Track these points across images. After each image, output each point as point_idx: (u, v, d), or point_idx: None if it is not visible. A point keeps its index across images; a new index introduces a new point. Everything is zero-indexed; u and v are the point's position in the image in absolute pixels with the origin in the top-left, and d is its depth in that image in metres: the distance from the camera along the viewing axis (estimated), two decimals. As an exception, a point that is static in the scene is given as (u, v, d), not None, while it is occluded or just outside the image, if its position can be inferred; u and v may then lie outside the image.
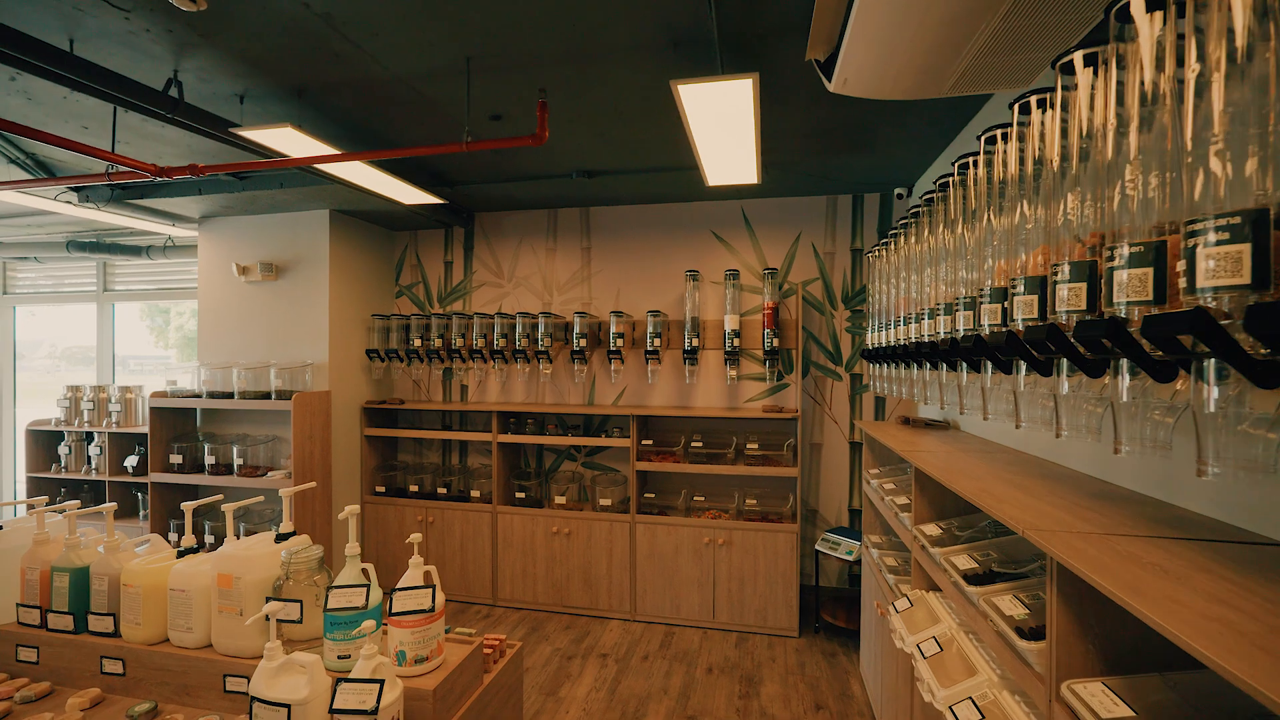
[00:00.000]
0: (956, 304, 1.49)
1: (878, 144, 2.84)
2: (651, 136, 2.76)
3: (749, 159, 2.59)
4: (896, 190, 3.49)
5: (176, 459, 3.67)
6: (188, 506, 1.78)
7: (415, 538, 1.57)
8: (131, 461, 4.01)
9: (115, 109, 2.36)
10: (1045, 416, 1.14)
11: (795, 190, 3.61)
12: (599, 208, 4.01)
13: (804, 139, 2.78)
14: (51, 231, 4.74)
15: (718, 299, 3.81)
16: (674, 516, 3.50)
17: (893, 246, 2.44)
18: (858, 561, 3.12)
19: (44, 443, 4.29)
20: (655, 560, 3.51)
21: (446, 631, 1.78)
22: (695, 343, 3.57)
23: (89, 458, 4.19)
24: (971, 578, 1.45)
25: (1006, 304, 1.21)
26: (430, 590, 1.50)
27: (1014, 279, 1.15)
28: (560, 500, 3.68)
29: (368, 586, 1.51)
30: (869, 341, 2.82)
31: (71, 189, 3.37)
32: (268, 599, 1.53)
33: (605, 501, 3.61)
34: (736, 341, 3.55)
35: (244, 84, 2.20)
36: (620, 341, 3.61)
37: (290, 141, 2.21)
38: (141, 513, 4.09)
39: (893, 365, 2.54)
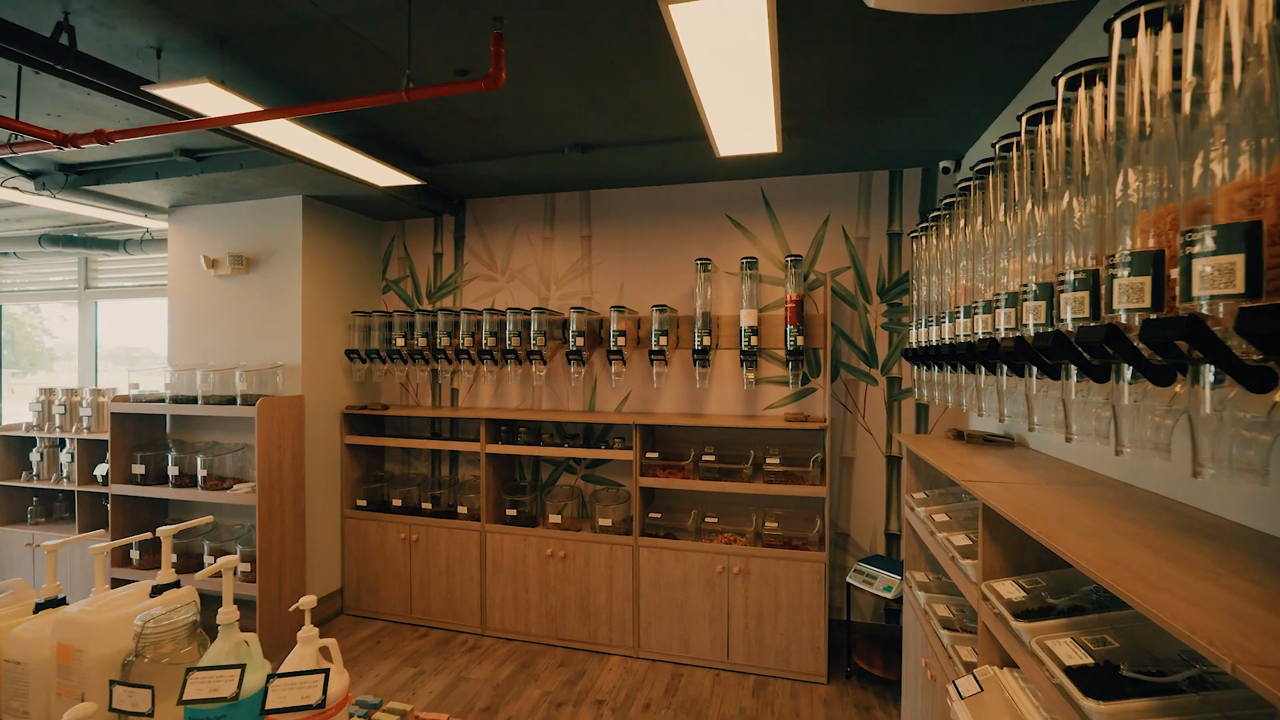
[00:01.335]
0: (1062, 283, 1.03)
1: (922, 101, 2.36)
2: (650, 97, 2.33)
3: (766, 118, 2.14)
4: (942, 164, 3.00)
5: (139, 469, 3.37)
6: (50, 547, 1.40)
7: (306, 601, 1.17)
8: (102, 470, 3.74)
9: (19, 69, 2.02)
10: (1252, 459, 0.68)
11: (823, 165, 3.15)
12: (600, 191, 3.60)
13: (833, 95, 2.32)
14: (34, 226, 4.52)
15: (733, 292, 3.36)
16: (683, 540, 3.07)
17: (945, 225, 1.97)
18: (898, 599, 2.65)
19: (16, 449, 4.04)
20: (661, 589, 3.08)
21: (374, 707, 1.38)
22: (707, 341, 3.13)
23: (61, 466, 3.93)
24: (1088, 683, 0.99)
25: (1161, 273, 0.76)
26: (322, 677, 1.10)
27: (1189, 233, 0.70)
28: (555, 519, 3.27)
29: (242, 668, 1.12)
30: (912, 339, 2.35)
31: (21, 173, 3.09)
32: (112, 683, 1.15)
33: (605, 521, 3.19)
34: (755, 340, 3.10)
35: (156, 32, 1.84)
36: (622, 340, 3.19)
37: (209, 99, 1.84)
38: (111, 525, 3.81)
39: (944, 368, 2.08)
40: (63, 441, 3.93)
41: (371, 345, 3.64)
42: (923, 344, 2.22)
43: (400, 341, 3.54)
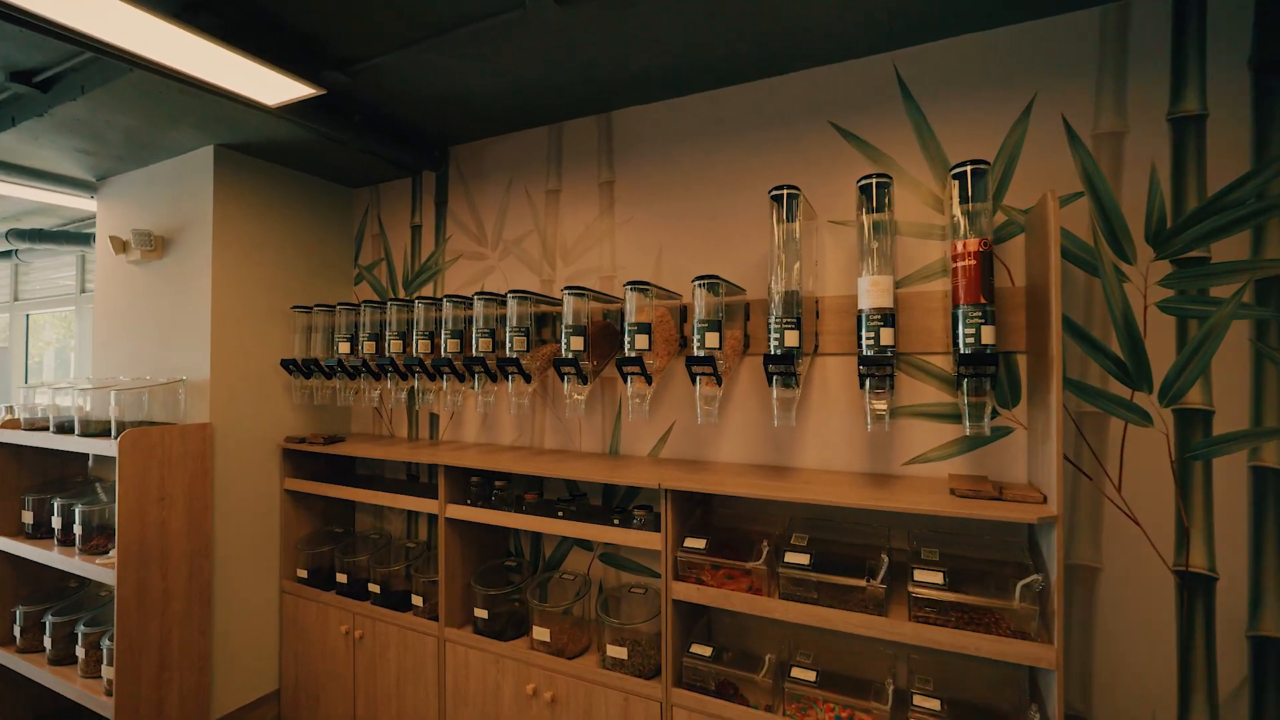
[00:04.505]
0: None
1: None
2: None
3: None
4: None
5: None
6: None
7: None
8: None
9: None
10: None
11: (1020, 2, 1.64)
12: (625, 111, 2.31)
13: None
14: (24, 224, 4.10)
15: (843, 252, 1.92)
16: (753, 703, 1.66)
17: None
18: None
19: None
20: (711, 792, 1.69)
21: None
22: (793, 341, 1.70)
23: None
24: None
25: None
26: None
27: None
28: (542, 634, 2.00)
29: None
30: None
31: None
32: None
33: (618, 652, 1.86)
34: (888, 337, 1.62)
35: None
36: (643, 341, 1.85)
37: None
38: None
39: None
40: (17, 470, 3.32)
41: (312, 354, 2.61)
42: None
43: (345, 348, 2.48)
